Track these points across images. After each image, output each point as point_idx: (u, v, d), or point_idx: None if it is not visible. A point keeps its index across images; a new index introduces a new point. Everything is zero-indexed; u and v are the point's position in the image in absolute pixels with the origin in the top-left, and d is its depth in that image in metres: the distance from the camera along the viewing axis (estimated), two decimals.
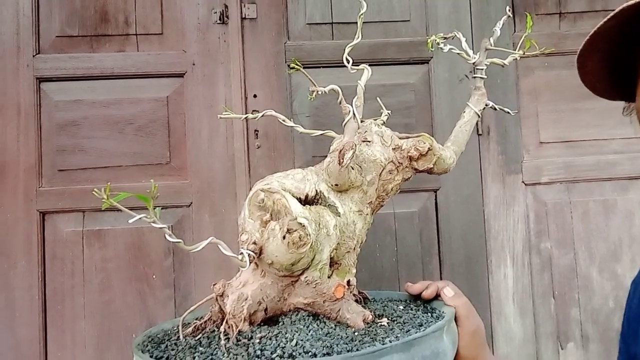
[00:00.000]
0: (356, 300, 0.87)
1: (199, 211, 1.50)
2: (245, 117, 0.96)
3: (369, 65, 1.50)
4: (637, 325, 0.85)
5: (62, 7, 1.51)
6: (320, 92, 0.75)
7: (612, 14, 0.69)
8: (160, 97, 1.52)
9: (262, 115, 0.92)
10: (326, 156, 0.92)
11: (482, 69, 1.01)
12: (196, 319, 0.83)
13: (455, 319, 0.87)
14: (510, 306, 1.54)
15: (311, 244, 0.72)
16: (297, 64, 0.74)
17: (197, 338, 0.76)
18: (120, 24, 1.53)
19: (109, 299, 1.47)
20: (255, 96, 1.53)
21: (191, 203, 1.50)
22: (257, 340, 0.70)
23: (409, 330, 0.76)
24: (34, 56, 1.49)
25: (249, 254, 0.70)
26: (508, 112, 1.10)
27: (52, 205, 1.47)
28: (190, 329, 0.79)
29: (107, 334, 1.46)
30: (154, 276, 1.49)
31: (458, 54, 1.01)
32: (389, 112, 0.98)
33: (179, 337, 0.78)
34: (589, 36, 0.73)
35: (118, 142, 1.51)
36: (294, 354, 0.67)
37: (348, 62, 0.80)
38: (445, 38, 1.02)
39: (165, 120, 1.52)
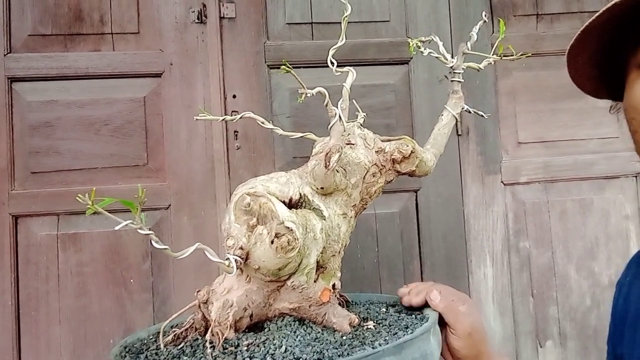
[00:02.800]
0: (340, 304, 0.86)
1: (178, 213, 1.48)
2: (223, 119, 0.94)
3: (350, 65, 1.49)
4: (622, 326, 0.86)
5: (35, 5, 1.47)
6: (308, 95, 0.74)
7: (600, 11, 0.68)
8: (137, 97, 1.49)
9: (241, 117, 0.90)
10: (307, 157, 0.91)
11: (459, 73, 1.01)
12: (172, 327, 0.81)
13: (447, 324, 0.87)
14: (490, 305, 1.55)
15: (299, 249, 0.71)
16: (287, 66, 0.73)
17: (179, 347, 0.74)
18: (95, 22, 1.49)
19: (85, 304, 1.44)
20: (234, 96, 1.51)
21: (169, 205, 1.47)
22: (245, 348, 0.69)
23: (396, 333, 0.76)
24: (5, 55, 1.45)
25: (235, 260, 0.68)
26: (482, 115, 1.12)
27: (25, 208, 1.43)
28: (169, 338, 0.77)
29: (84, 339, 1.43)
30: (132, 280, 1.46)
31: (437, 57, 1.01)
32: (365, 114, 0.97)
33: (158, 346, 0.76)
34: (578, 34, 0.72)
35: (94, 144, 1.47)
36: None
37: (332, 64, 0.79)
38: (422, 42, 1.02)
39: (142, 121, 1.49)
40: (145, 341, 0.83)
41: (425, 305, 0.90)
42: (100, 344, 1.43)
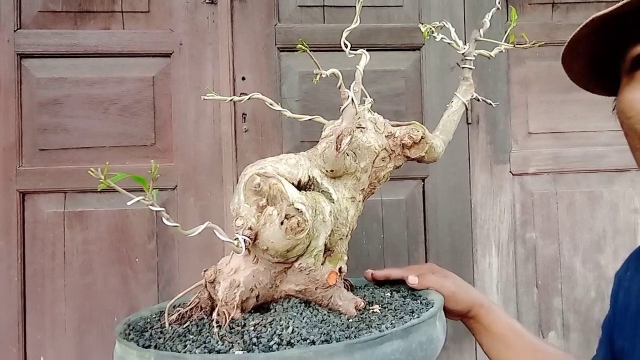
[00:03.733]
0: (346, 287, 0.86)
1: (184, 194, 1.48)
2: (231, 100, 0.93)
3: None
4: (623, 320, 0.86)
5: None
6: (323, 76, 0.73)
7: (583, 23, 0.70)
8: (146, 77, 1.49)
9: (249, 98, 0.89)
10: (315, 141, 0.90)
11: (471, 60, 1.00)
12: (176, 307, 0.81)
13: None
14: (494, 295, 1.54)
15: (308, 230, 0.71)
16: (304, 46, 0.72)
17: (184, 326, 0.74)
18: (105, 0, 1.48)
19: (90, 281, 1.45)
20: (243, 79, 1.50)
21: (176, 186, 1.47)
22: (252, 328, 0.69)
23: (402, 317, 0.76)
24: (15, 31, 1.44)
25: (244, 240, 0.68)
26: (491, 104, 1.11)
27: (32, 185, 1.44)
28: (174, 317, 0.77)
29: (88, 317, 1.44)
30: (137, 259, 1.46)
31: (448, 43, 1.00)
32: (372, 100, 0.96)
33: (162, 324, 0.76)
34: (567, 43, 0.74)
35: (102, 122, 1.47)
36: (291, 341, 0.66)
37: (346, 47, 0.78)
38: (434, 28, 1.01)
39: (150, 101, 1.48)
40: (149, 320, 0.83)
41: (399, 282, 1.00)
42: (104, 321, 1.44)
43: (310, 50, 1.55)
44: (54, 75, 1.46)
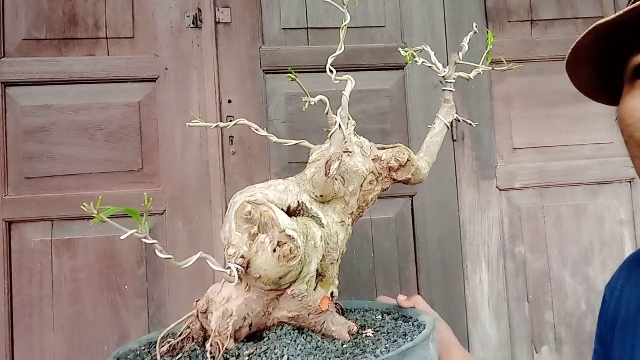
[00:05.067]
0: (338, 311, 0.86)
1: (173, 219, 1.47)
2: (217, 126, 0.93)
3: (345, 71, 1.49)
4: (613, 329, 0.87)
5: (29, 9, 1.46)
6: (312, 103, 0.74)
7: (587, 30, 0.71)
8: (132, 102, 1.49)
9: (235, 124, 0.90)
10: (303, 163, 0.91)
11: (451, 82, 1.02)
12: (166, 338, 0.80)
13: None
14: (485, 311, 1.55)
15: (301, 257, 0.71)
16: (293, 75, 0.73)
17: (177, 358, 0.73)
18: (90, 27, 1.48)
19: (79, 310, 1.43)
20: (230, 102, 1.51)
21: (165, 211, 1.47)
22: (247, 358, 0.68)
23: (396, 341, 0.75)
24: None
25: (237, 269, 0.67)
26: (471, 124, 1.12)
27: (19, 214, 1.42)
28: (165, 349, 0.76)
29: (78, 346, 1.42)
30: (127, 286, 1.45)
31: (429, 67, 1.01)
32: (355, 122, 0.97)
33: (154, 357, 0.75)
34: (571, 50, 0.75)
35: (88, 149, 1.46)
36: None
37: (332, 73, 0.79)
38: (415, 52, 1.03)
39: (137, 126, 1.48)
40: (138, 352, 0.82)
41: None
42: (94, 350, 1.42)
43: (295, 72, 1.56)
44: (39, 103, 1.45)
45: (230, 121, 1.46)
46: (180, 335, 0.77)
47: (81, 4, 1.48)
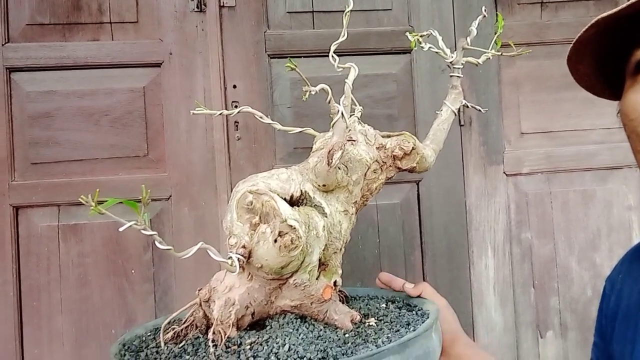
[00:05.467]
0: (340, 300, 0.86)
1: (178, 204, 1.47)
2: (220, 114, 0.92)
3: (351, 55, 1.47)
4: (613, 322, 0.87)
5: None
6: (313, 92, 0.73)
7: (589, 24, 0.70)
8: (137, 87, 1.48)
9: (239, 112, 0.89)
10: (308, 148, 0.90)
11: (459, 68, 1.00)
12: (171, 324, 0.81)
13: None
14: (491, 296, 1.55)
15: (302, 247, 0.70)
16: (293, 65, 0.72)
17: (180, 345, 0.74)
18: (93, 11, 1.47)
19: (86, 294, 1.44)
20: (234, 87, 1.50)
21: (170, 196, 1.47)
22: (248, 347, 0.69)
23: (398, 330, 0.75)
24: (3, 45, 1.43)
25: (238, 259, 0.67)
26: (480, 110, 1.11)
27: (25, 199, 1.43)
28: (169, 335, 0.77)
29: (86, 330, 1.44)
30: (133, 271, 1.46)
31: (436, 52, 0.99)
32: (362, 108, 0.96)
33: (158, 344, 0.76)
34: (572, 44, 0.74)
35: (93, 134, 1.46)
36: (288, 359, 0.66)
37: (334, 60, 0.78)
38: (421, 36, 1.00)
39: (142, 112, 1.48)
40: (144, 338, 0.83)
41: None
42: (102, 334, 1.44)
43: (300, 56, 1.55)
44: (43, 89, 1.45)
45: (236, 106, 1.47)
46: (184, 323, 0.78)
47: None
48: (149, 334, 0.85)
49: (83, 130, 1.46)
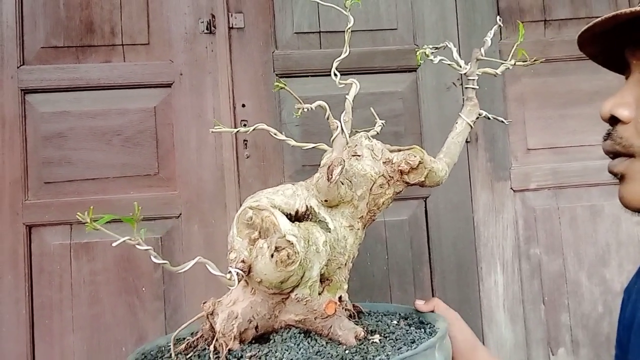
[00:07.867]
0: (350, 315, 0.86)
1: (189, 222, 1.49)
2: (237, 131, 0.95)
3: (357, 74, 1.49)
4: (629, 333, 0.86)
5: (47, 17, 1.49)
6: (306, 109, 0.75)
7: (608, 16, 0.71)
8: (148, 107, 1.51)
9: (254, 129, 0.91)
10: (317, 166, 0.91)
11: (473, 79, 0.99)
12: (191, 334, 0.82)
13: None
14: (501, 313, 1.54)
15: (300, 262, 0.71)
16: (282, 83, 0.74)
17: (188, 356, 0.75)
18: (106, 34, 1.51)
19: (98, 312, 1.45)
20: (243, 106, 1.53)
21: (180, 214, 1.49)
22: None
23: (400, 348, 0.75)
24: (18, 67, 1.47)
25: (237, 273, 0.69)
26: (502, 122, 1.09)
27: (38, 218, 1.45)
28: (183, 346, 0.78)
29: (97, 347, 1.45)
30: (144, 289, 1.47)
31: (449, 64, 1.00)
32: (383, 121, 0.97)
33: (170, 354, 0.77)
34: (585, 29, 0.74)
35: (105, 154, 1.49)
36: None
37: (336, 76, 0.80)
38: (436, 48, 1.02)
39: (153, 131, 1.51)
40: (163, 349, 0.85)
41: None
42: (113, 352, 1.45)
43: (308, 76, 1.57)
44: (57, 109, 1.48)
45: (244, 125, 1.49)
46: (196, 334, 0.79)
47: (97, 11, 1.51)
48: (168, 345, 0.86)
49: (95, 150, 1.49)
